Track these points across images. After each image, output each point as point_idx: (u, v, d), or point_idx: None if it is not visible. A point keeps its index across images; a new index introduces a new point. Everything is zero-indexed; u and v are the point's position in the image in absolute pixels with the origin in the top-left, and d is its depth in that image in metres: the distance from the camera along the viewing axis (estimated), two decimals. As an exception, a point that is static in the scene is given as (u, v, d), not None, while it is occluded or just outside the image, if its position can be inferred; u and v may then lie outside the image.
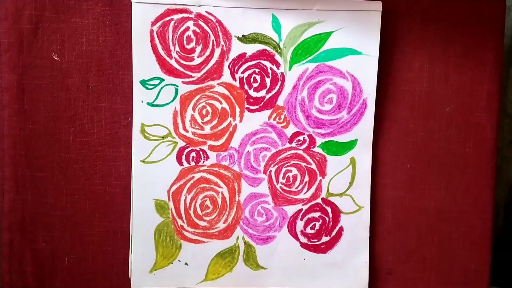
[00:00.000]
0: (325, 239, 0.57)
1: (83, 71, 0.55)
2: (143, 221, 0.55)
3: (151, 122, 0.54)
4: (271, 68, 0.54)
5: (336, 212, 0.57)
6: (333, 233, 0.57)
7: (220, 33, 0.53)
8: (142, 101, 0.54)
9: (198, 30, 0.53)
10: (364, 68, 0.54)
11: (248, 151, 0.55)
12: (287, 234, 0.57)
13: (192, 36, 0.53)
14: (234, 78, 0.54)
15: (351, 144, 0.56)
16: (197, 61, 0.54)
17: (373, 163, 0.56)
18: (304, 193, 0.56)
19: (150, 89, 0.54)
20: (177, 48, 0.53)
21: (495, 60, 0.56)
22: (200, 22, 0.53)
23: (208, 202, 0.56)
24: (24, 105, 0.55)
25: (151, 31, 0.53)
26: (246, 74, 0.54)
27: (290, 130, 0.55)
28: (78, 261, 0.57)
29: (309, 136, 0.56)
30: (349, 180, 0.56)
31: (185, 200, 0.55)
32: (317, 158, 0.56)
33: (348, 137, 0.55)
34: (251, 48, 0.54)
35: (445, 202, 0.58)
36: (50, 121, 0.55)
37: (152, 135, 0.54)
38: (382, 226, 0.58)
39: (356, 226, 0.57)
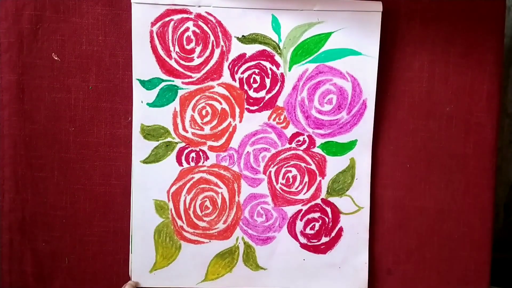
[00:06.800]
0: (324, 239, 0.57)
1: (83, 71, 0.55)
2: (143, 221, 0.55)
3: (151, 122, 0.54)
4: (271, 69, 0.54)
5: (336, 212, 0.57)
6: (333, 234, 0.57)
7: (220, 34, 0.53)
8: (142, 102, 0.54)
9: (198, 31, 0.53)
10: (364, 69, 0.54)
11: (247, 151, 0.55)
12: (287, 234, 0.57)
13: (192, 37, 0.53)
14: (234, 79, 0.54)
15: (351, 145, 0.56)
16: (197, 61, 0.54)
17: (373, 163, 0.56)
18: (304, 194, 0.56)
19: (150, 89, 0.54)
20: (177, 49, 0.53)
21: (495, 60, 0.56)
22: (200, 23, 0.53)
23: (207, 203, 0.56)
24: (24, 105, 0.55)
25: (151, 32, 0.53)
26: (246, 75, 0.54)
27: (290, 130, 0.55)
28: (78, 261, 0.57)
29: (309, 136, 0.56)
30: (349, 180, 0.56)
31: (184, 201, 0.55)
32: (316, 158, 0.56)
33: (348, 137, 0.55)
34: (251, 49, 0.54)
35: (445, 202, 0.58)
36: (50, 121, 0.55)
37: (152, 135, 0.54)
38: (382, 226, 0.58)
39: (356, 227, 0.57)
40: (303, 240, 0.57)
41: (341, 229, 0.57)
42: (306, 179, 0.56)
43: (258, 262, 0.57)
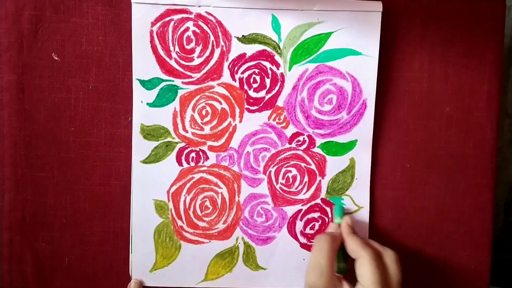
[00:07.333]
0: (324, 239, 0.57)
1: (83, 71, 0.55)
2: (143, 221, 0.55)
3: (150, 122, 0.54)
4: (271, 69, 0.54)
5: (336, 212, 0.57)
6: (333, 234, 0.57)
7: (220, 34, 0.53)
8: (141, 102, 0.54)
9: (198, 31, 0.53)
10: (364, 69, 0.54)
11: (247, 151, 0.55)
12: (287, 234, 0.57)
13: (192, 37, 0.53)
14: (234, 79, 0.54)
15: (350, 145, 0.56)
16: (197, 61, 0.54)
17: (373, 163, 0.56)
18: (304, 194, 0.56)
19: (150, 89, 0.54)
20: (177, 49, 0.53)
21: (495, 60, 0.56)
22: (200, 23, 0.53)
23: (207, 203, 0.56)
24: (24, 105, 0.55)
25: (151, 32, 0.53)
26: (246, 75, 0.54)
27: (290, 130, 0.55)
28: (78, 261, 0.57)
29: (309, 136, 0.56)
30: (349, 180, 0.56)
31: (184, 201, 0.55)
32: (316, 158, 0.56)
33: (347, 137, 0.55)
34: (251, 49, 0.54)
35: (445, 202, 0.58)
36: (50, 121, 0.55)
37: (152, 135, 0.54)
38: (381, 226, 0.58)
39: (355, 226, 0.57)
40: (303, 240, 0.57)
41: (341, 229, 0.57)
42: (306, 179, 0.56)
43: (258, 262, 0.57)
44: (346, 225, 0.53)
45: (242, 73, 0.54)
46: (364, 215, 0.57)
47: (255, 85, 0.55)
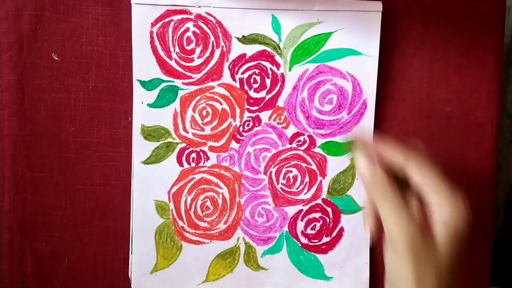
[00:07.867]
0: (325, 239, 0.57)
1: (83, 71, 0.54)
2: (143, 222, 0.55)
3: (151, 123, 0.54)
4: (271, 69, 0.54)
5: (337, 212, 0.57)
6: (334, 234, 0.57)
7: (220, 34, 0.53)
8: (142, 102, 0.54)
9: (198, 31, 0.53)
10: (364, 69, 0.54)
11: (248, 152, 0.55)
12: (288, 235, 0.57)
13: (192, 37, 0.53)
14: (234, 79, 0.54)
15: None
16: (197, 62, 0.54)
17: (373, 163, 0.56)
18: (305, 194, 0.56)
19: (150, 90, 0.54)
20: (177, 49, 0.53)
21: (495, 60, 0.56)
22: (200, 23, 0.53)
23: (208, 203, 0.56)
24: (24, 105, 0.55)
25: (151, 32, 0.53)
26: (246, 75, 0.54)
27: (290, 130, 0.55)
28: (78, 261, 0.57)
29: (309, 136, 0.55)
30: (350, 180, 0.56)
31: (185, 201, 0.55)
32: (317, 158, 0.56)
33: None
34: (251, 49, 0.54)
35: (445, 202, 0.58)
36: (50, 121, 0.55)
37: (153, 136, 0.54)
38: (382, 226, 0.58)
39: (356, 227, 0.57)
40: (304, 240, 0.57)
41: (342, 229, 0.57)
42: (306, 179, 0.56)
43: (259, 262, 0.57)
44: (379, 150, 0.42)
45: (243, 73, 0.54)
46: (365, 215, 0.57)
47: (255, 86, 0.55)
